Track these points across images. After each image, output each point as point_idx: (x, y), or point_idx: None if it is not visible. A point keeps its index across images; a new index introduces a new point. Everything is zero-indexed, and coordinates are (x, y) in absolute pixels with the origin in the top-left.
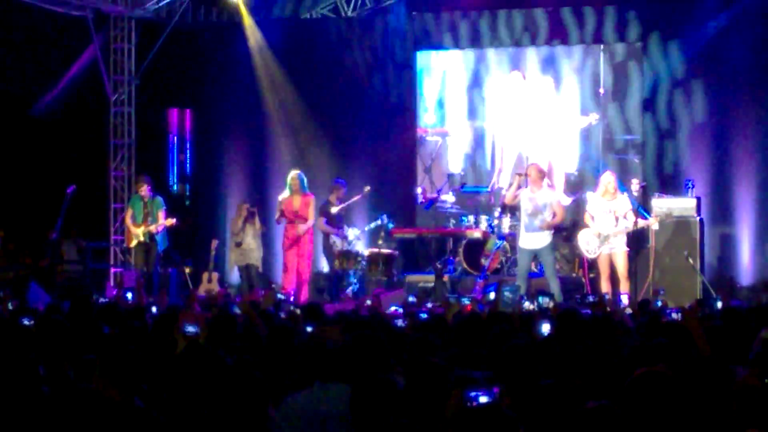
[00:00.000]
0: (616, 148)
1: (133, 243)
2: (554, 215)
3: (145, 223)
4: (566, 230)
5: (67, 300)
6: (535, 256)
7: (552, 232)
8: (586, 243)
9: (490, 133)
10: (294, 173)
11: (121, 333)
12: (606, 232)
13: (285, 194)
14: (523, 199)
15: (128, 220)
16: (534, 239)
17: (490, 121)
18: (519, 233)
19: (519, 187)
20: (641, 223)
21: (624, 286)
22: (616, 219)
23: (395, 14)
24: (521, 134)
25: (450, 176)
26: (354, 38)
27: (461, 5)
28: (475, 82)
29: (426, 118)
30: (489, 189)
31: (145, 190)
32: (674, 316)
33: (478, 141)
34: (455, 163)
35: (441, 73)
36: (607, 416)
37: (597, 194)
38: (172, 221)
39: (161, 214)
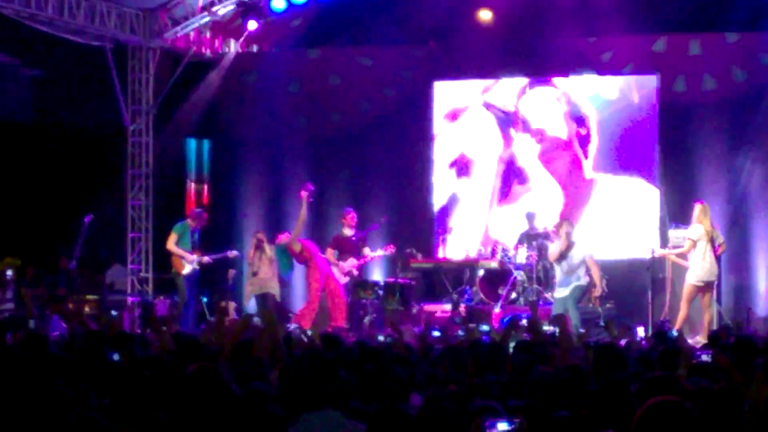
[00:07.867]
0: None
1: (187, 270)
2: (589, 273)
3: (197, 251)
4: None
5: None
6: None
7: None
8: None
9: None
10: None
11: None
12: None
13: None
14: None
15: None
16: (567, 289)
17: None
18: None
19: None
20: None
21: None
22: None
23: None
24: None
25: None
26: (370, 65)
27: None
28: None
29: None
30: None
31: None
32: (704, 358)
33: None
34: None
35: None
36: None
37: None
38: (234, 253)
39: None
